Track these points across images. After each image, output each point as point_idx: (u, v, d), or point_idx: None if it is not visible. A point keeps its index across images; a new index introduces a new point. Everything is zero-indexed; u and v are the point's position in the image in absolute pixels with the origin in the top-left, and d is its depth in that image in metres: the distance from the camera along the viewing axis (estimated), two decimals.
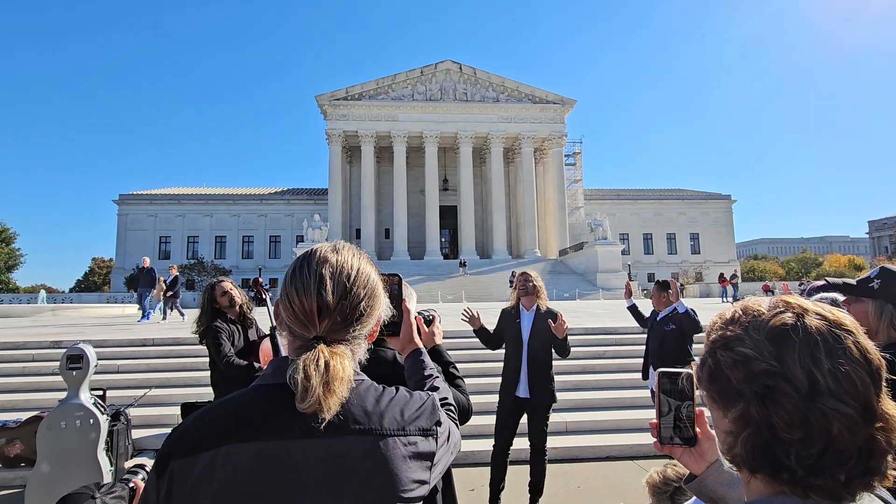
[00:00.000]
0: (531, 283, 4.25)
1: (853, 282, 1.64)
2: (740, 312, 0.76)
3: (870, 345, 0.70)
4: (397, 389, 1.02)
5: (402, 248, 42.24)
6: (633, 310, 5.62)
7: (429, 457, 0.97)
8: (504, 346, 4.34)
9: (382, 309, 1.05)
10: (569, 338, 4.21)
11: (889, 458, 0.66)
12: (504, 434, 4.22)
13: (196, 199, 52.07)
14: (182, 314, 15.48)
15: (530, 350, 4.15)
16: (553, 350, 4.21)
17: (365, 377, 1.01)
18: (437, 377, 1.33)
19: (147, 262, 16.28)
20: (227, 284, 4.08)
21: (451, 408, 1.25)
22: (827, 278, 1.79)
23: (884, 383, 0.68)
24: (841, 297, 1.69)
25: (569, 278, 36.22)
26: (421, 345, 1.40)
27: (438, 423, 1.01)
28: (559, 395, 6.93)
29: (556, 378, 7.82)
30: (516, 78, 47.29)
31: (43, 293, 34.64)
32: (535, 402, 4.13)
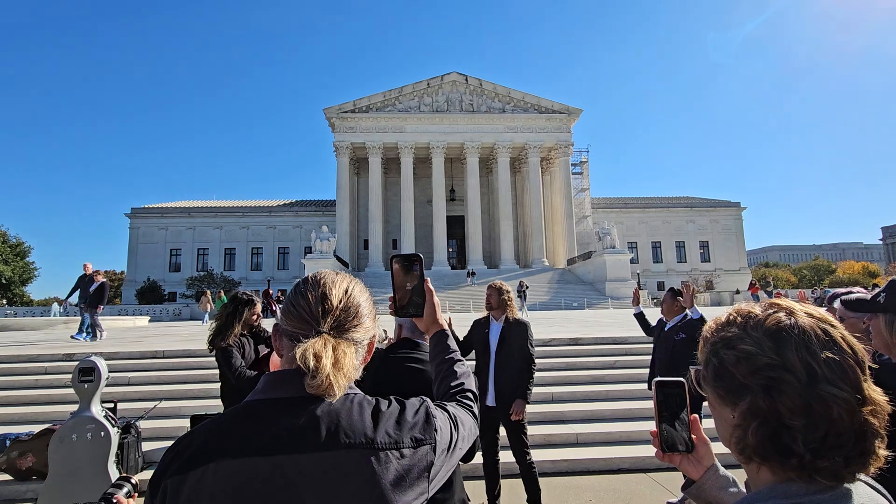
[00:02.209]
0: (494, 299, 4.30)
1: (867, 297, 1.66)
2: (735, 315, 0.84)
3: (853, 338, 0.78)
4: (390, 401, 1.01)
5: None
6: (640, 317, 5.50)
7: (426, 468, 0.95)
8: (475, 355, 4.41)
9: (374, 327, 1.10)
10: (535, 359, 4.32)
11: (879, 440, 0.74)
12: (484, 443, 4.24)
13: (206, 212, 52.70)
14: (101, 332, 12.29)
15: (497, 360, 4.20)
16: (522, 361, 4.25)
17: (358, 391, 1.01)
18: (460, 360, 1.34)
19: (90, 268, 12.62)
20: (259, 308, 4.12)
21: (469, 394, 1.25)
22: (842, 298, 1.80)
23: (868, 371, 0.76)
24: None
25: (577, 287, 35.98)
26: (445, 325, 1.40)
27: (436, 430, 0.99)
28: (570, 407, 6.95)
29: (566, 389, 7.72)
30: (522, 88, 47.85)
31: (56, 306, 35.00)
32: (503, 412, 4.16)
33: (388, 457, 0.91)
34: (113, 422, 4.13)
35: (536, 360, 4.37)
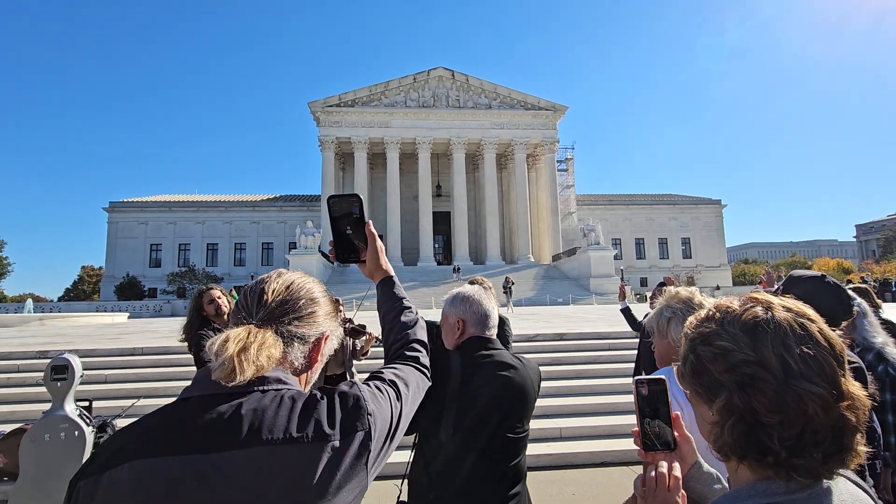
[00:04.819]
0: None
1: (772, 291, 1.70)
2: (714, 310, 0.83)
3: (831, 331, 0.76)
4: (323, 394, 0.96)
5: (396, 254, 42.15)
6: (627, 312, 5.56)
7: (360, 455, 0.91)
8: None
9: (327, 325, 1.05)
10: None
11: (858, 435, 0.71)
12: None
13: (187, 207, 51.67)
14: None
15: None
16: None
17: (291, 386, 0.96)
18: (407, 308, 1.33)
19: None
20: (217, 293, 4.00)
21: (415, 345, 1.24)
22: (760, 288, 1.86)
23: (847, 365, 0.74)
24: None
25: (562, 283, 36.28)
26: (391, 271, 1.36)
27: (369, 415, 0.95)
28: (554, 401, 7.00)
29: (551, 383, 7.78)
30: (509, 84, 47.60)
31: (30, 302, 34.04)
32: None
33: (316, 450, 0.86)
34: (88, 420, 4.01)
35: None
